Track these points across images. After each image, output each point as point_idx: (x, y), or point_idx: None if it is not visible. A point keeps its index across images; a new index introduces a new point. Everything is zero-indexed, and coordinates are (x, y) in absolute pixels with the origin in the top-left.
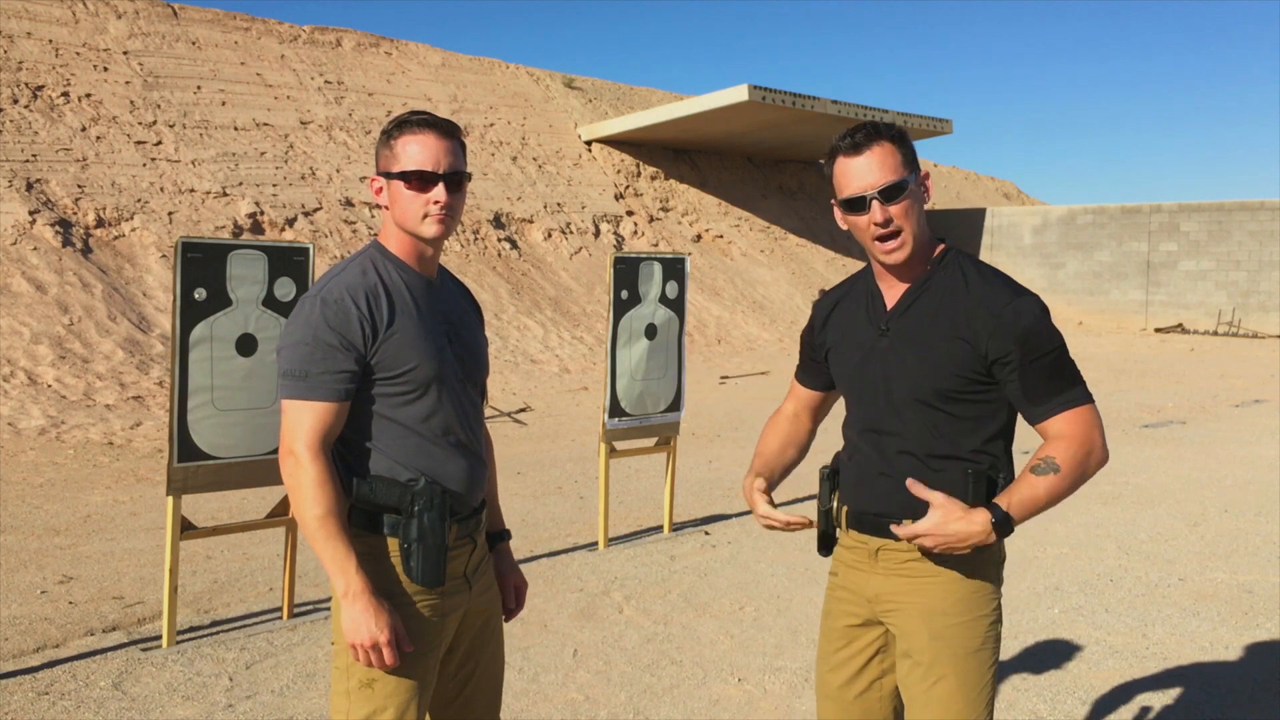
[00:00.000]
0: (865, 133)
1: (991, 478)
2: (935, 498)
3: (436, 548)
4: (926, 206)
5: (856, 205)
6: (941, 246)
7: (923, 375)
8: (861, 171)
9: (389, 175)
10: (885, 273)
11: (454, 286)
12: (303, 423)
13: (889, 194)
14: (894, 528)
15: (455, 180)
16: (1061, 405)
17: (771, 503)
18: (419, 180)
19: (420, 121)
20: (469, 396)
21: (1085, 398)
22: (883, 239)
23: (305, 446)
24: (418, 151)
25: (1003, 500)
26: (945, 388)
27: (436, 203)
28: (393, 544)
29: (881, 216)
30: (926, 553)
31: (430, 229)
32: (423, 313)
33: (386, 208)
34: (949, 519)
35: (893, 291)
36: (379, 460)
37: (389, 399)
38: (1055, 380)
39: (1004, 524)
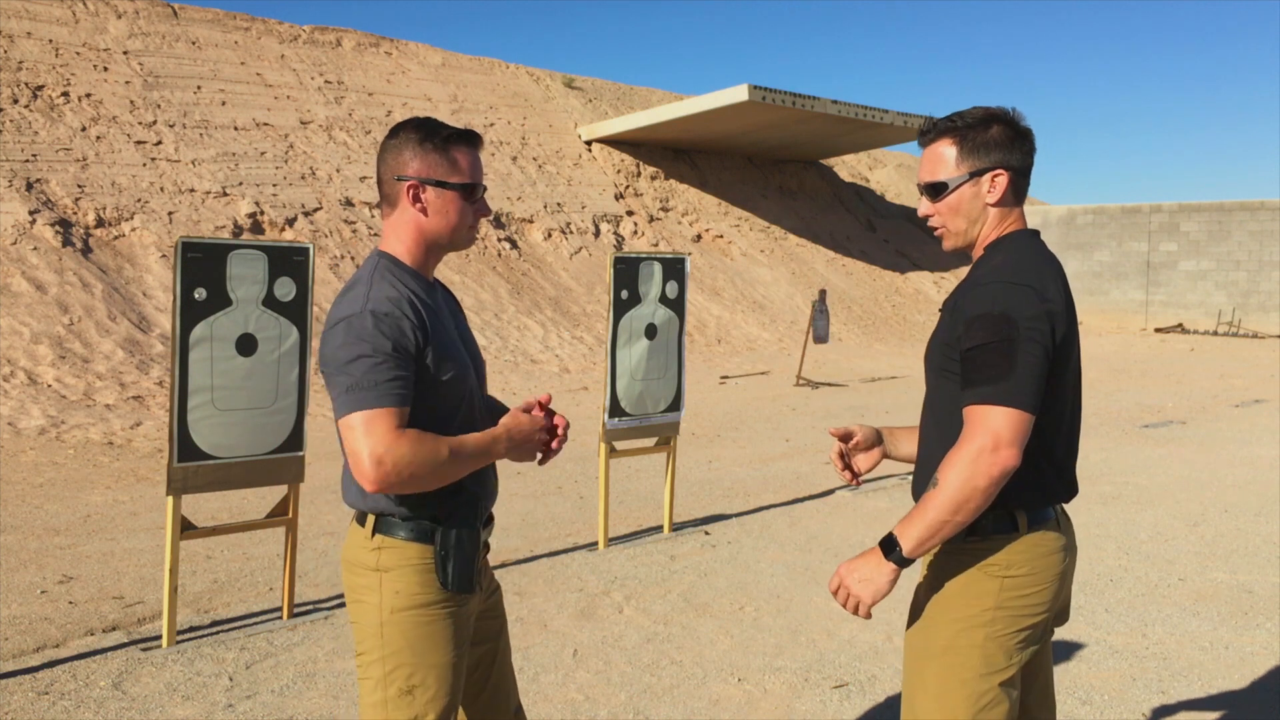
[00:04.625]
0: (930, 129)
1: None
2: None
3: (471, 555)
4: (992, 202)
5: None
6: (1009, 231)
7: (932, 349)
8: (921, 166)
9: (445, 185)
10: None
11: (442, 288)
12: (376, 430)
13: (931, 192)
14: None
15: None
16: (973, 397)
17: (850, 451)
18: (474, 193)
19: (471, 135)
20: (483, 400)
21: (999, 397)
22: (935, 228)
23: (372, 454)
24: (474, 166)
25: (899, 530)
26: (937, 362)
27: (480, 215)
28: (425, 550)
29: (922, 212)
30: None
31: (469, 240)
32: (445, 321)
33: (423, 212)
34: (851, 575)
35: None
36: None
37: (429, 409)
38: (981, 370)
39: (900, 561)
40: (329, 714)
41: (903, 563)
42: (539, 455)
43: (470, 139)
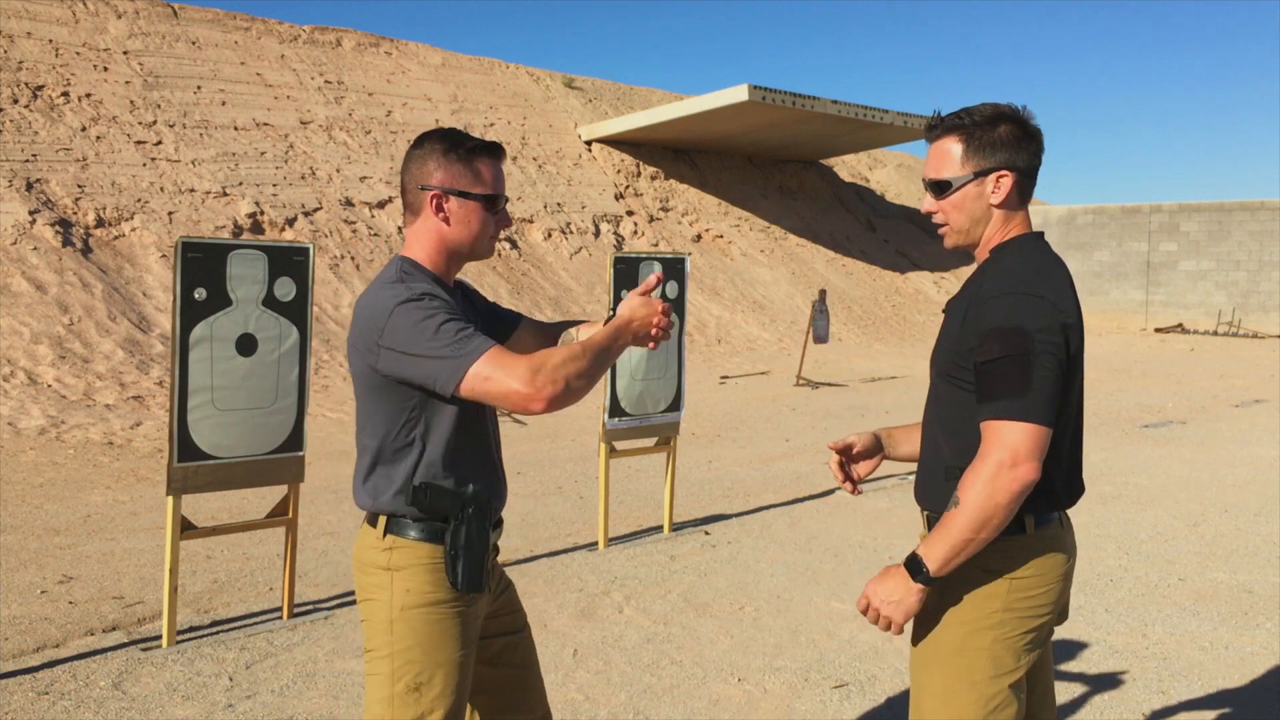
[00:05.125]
0: (937, 125)
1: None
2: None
3: (481, 555)
4: (996, 203)
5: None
6: (1014, 235)
7: (938, 353)
8: (927, 162)
9: (468, 195)
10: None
11: (462, 289)
12: (505, 361)
13: (935, 189)
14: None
15: None
16: (990, 413)
17: (850, 459)
18: (495, 204)
19: (495, 147)
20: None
21: (1016, 413)
22: (939, 224)
23: (520, 376)
24: (496, 178)
25: (924, 551)
26: (944, 368)
27: (500, 226)
28: (436, 550)
29: (925, 208)
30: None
31: (489, 250)
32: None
33: (445, 221)
34: (890, 604)
35: None
36: (433, 466)
37: (449, 407)
38: (997, 385)
39: (927, 581)
40: (329, 714)
41: (930, 582)
42: (652, 336)
43: (494, 151)
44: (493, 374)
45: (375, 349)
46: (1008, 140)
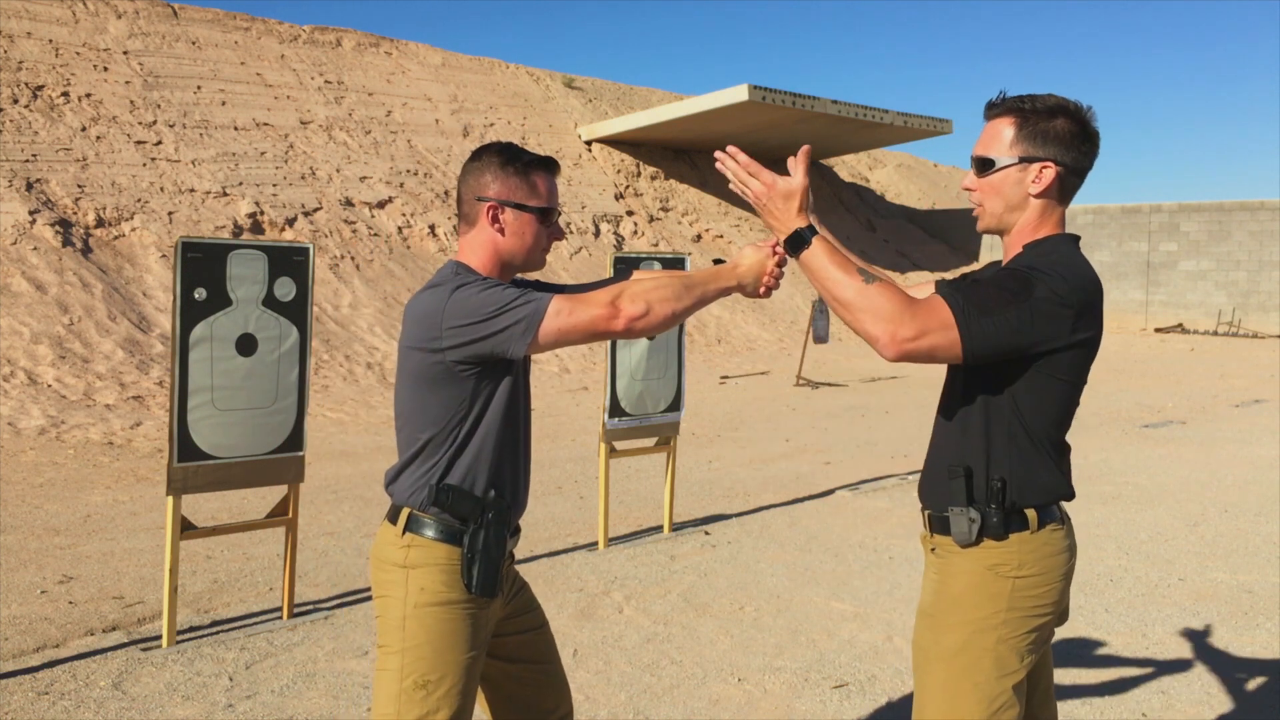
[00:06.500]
0: (999, 104)
1: (976, 474)
2: (799, 176)
3: (497, 560)
4: (1035, 193)
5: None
6: (1048, 234)
7: None
8: (978, 139)
9: (523, 207)
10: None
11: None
12: (572, 302)
13: (978, 166)
14: (719, 155)
15: None
16: (950, 300)
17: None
18: (549, 217)
19: (551, 161)
20: (528, 416)
21: (965, 322)
22: (975, 205)
23: (598, 301)
24: (551, 191)
25: (820, 239)
26: None
27: (553, 239)
28: (453, 552)
29: (964, 185)
30: (944, 544)
31: (541, 261)
32: None
33: (500, 232)
34: (775, 195)
35: None
36: (461, 468)
37: (486, 409)
38: (971, 294)
39: (796, 240)
40: (329, 714)
41: (799, 243)
42: (763, 284)
43: (550, 166)
44: (571, 306)
45: (439, 337)
46: (1062, 135)
